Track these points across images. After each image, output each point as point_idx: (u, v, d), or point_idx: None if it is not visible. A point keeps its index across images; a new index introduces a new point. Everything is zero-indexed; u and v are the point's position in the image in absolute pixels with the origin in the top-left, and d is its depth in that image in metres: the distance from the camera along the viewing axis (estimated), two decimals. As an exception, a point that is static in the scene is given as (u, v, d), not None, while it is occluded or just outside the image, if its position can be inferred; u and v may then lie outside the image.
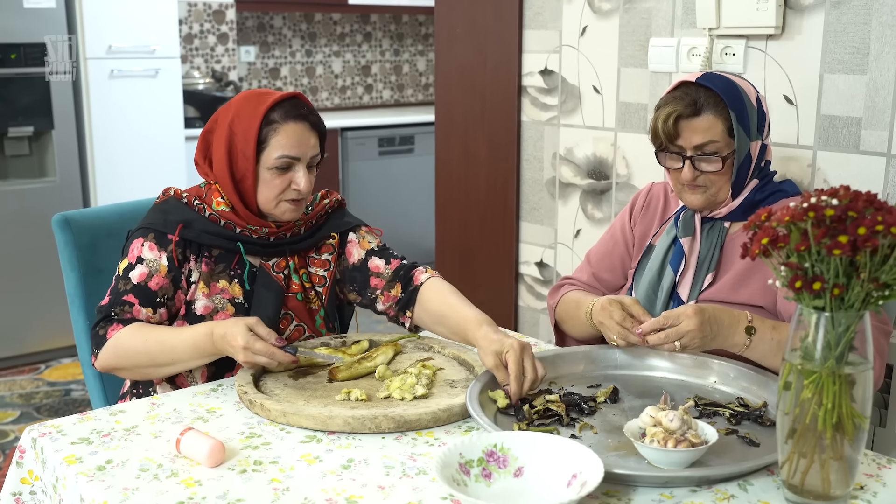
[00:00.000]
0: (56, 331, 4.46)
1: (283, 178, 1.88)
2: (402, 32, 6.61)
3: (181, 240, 1.88)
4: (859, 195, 1.24)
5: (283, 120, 1.86)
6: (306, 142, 1.89)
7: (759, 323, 1.75)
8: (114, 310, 1.85)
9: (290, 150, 1.86)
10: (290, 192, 1.89)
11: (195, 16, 5.57)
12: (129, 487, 1.38)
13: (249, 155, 1.86)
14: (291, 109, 1.88)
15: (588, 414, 1.62)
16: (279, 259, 1.96)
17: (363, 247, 2.04)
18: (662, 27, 2.65)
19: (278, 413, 1.59)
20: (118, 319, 1.84)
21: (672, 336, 1.70)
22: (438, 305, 1.92)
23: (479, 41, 3.24)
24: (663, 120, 1.88)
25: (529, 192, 3.16)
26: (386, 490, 1.36)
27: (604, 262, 2.16)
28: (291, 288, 1.96)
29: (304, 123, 1.89)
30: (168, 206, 1.92)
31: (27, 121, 4.37)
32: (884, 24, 2.19)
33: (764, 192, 1.95)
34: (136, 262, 1.87)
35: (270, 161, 1.86)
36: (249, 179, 1.88)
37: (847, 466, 1.29)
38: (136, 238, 1.89)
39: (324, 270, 2.02)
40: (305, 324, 1.98)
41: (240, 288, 1.91)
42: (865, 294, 1.23)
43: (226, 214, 1.90)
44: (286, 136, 1.86)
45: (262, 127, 1.86)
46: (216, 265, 1.91)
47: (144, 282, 1.85)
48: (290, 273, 1.96)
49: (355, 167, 5.68)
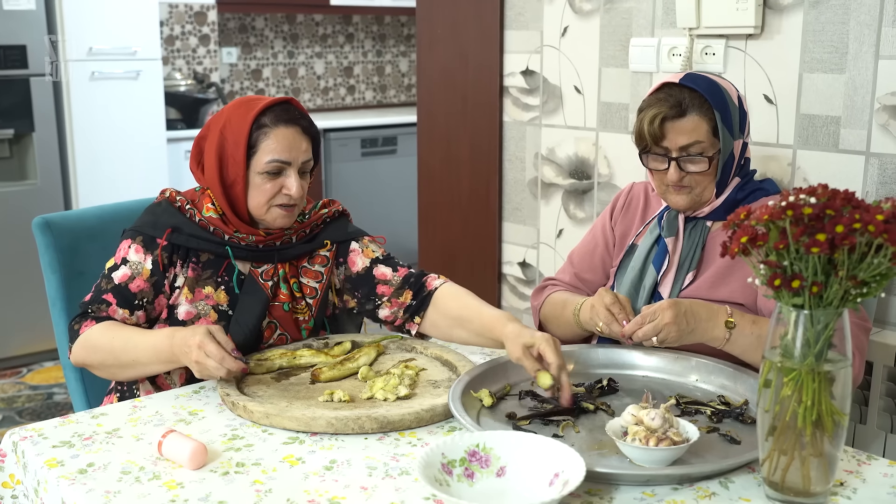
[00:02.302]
0: (37, 334, 4.44)
1: (274, 182, 1.86)
2: (385, 33, 6.61)
3: (169, 244, 1.87)
4: (837, 193, 1.25)
5: (274, 124, 1.85)
6: (297, 146, 1.87)
7: (739, 317, 1.76)
8: (91, 307, 1.85)
9: (280, 154, 1.85)
10: (282, 198, 1.87)
11: (176, 17, 5.55)
12: (111, 490, 1.37)
13: (240, 159, 1.85)
14: (282, 113, 1.87)
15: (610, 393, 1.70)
16: (268, 266, 1.94)
17: (367, 255, 2.01)
18: (643, 27, 2.66)
19: (261, 415, 1.59)
20: (93, 316, 1.84)
21: (650, 331, 1.72)
22: (457, 308, 1.91)
23: (460, 42, 3.24)
24: (649, 122, 1.88)
25: (512, 193, 3.17)
26: (368, 491, 1.36)
27: (585, 263, 2.17)
28: (279, 297, 1.95)
29: (296, 128, 1.87)
30: (160, 209, 1.92)
31: (7, 123, 4.35)
32: (862, 23, 2.21)
33: (745, 190, 1.96)
34: (121, 262, 1.87)
35: (261, 165, 1.85)
36: (240, 185, 1.87)
37: (827, 463, 1.30)
38: (125, 238, 1.90)
39: (316, 282, 1.99)
40: (289, 333, 1.97)
41: (225, 295, 1.90)
42: (844, 292, 1.24)
43: (213, 221, 1.89)
44: (276, 140, 1.85)
45: (253, 131, 1.85)
46: (203, 271, 1.90)
47: (125, 283, 1.85)
48: (279, 281, 1.94)
49: (338, 168, 5.67)
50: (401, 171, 5.88)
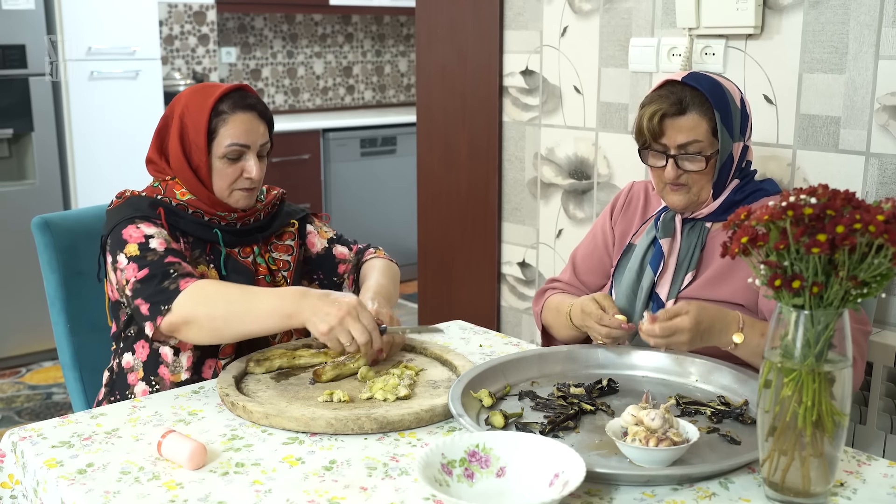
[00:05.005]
0: (37, 334, 4.43)
1: (235, 167, 1.93)
2: (384, 33, 6.61)
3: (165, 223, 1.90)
4: (837, 194, 1.25)
5: (232, 110, 1.92)
6: (255, 129, 1.94)
7: (749, 329, 1.75)
8: (170, 269, 1.80)
9: (239, 138, 1.91)
10: (243, 181, 1.94)
11: (175, 17, 5.55)
12: (111, 491, 1.37)
13: (201, 146, 1.91)
14: (239, 100, 1.93)
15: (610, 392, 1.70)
16: (243, 246, 2.00)
17: (323, 236, 2.15)
18: (642, 27, 2.66)
19: (260, 415, 1.59)
20: (185, 274, 1.80)
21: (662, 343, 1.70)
22: (363, 280, 2.08)
23: (460, 42, 3.24)
24: (648, 118, 1.89)
25: (511, 193, 3.17)
26: (368, 491, 1.36)
27: (585, 264, 2.17)
28: (259, 271, 2.01)
29: (252, 113, 1.94)
30: (132, 202, 1.93)
31: (6, 123, 4.34)
32: (862, 23, 2.21)
33: (744, 191, 1.96)
34: (146, 238, 1.85)
35: (221, 150, 1.91)
36: (203, 170, 1.93)
37: (827, 464, 1.30)
38: (123, 228, 1.86)
39: (287, 255, 2.08)
40: None
41: (216, 273, 1.95)
42: (844, 292, 1.24)
43: (193, 203, 1.93)
44: (235, 126, 1.91)
45: (212, 118, 1.91)
46: (193, 251, 1.94)
47: (168, 246, 1.84)
48: (256, 258, 2.01)
49: (337, 168, 5.67)
50: (400, 171, 5.88)
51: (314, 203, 5.53)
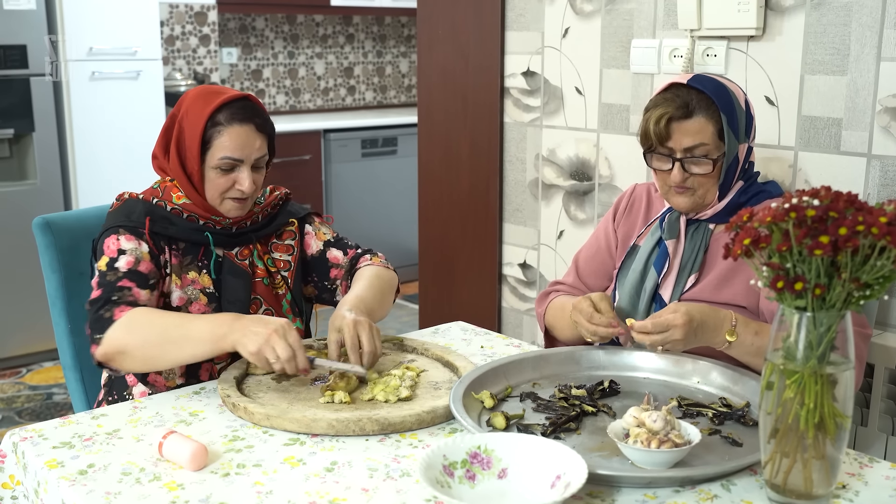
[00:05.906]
0: (37, 334, 4.43)
1: (227, 178, 1.91)
2: (385, 34, 6.61)
3: (151, 234, 1.89)
4: (840, 195, 1.25)
5: (228, 122, 1.89)
6: (251, 144, 1.90)
7: (743, 327, 1.75)
8: (113, 296, 1.80)
9: (232, 152, 1.89)
10: (234, 192, 1.92)
11: (177, 17, 5.55)
12: (112, 492, 1.37)
13: (195, 154, 1.89)
14: (238, 112, 1.89)
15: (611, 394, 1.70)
16: (241, 248, 1.99)
17: (320, 238, 2.11)
18: (644, 28, 2.66)
19: (262, 416, 1.59)
20: (123, 302, 1.80)
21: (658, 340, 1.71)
22: (350, 289, 2.00)
23: (461, 43, 3.24)
24: (655, 121, 1.88)
25: (512, 194, 3.17)
26: (370, 492, 1.36)
27: (589, 266, 2.17)
28: (257, 273, 2.00)
29: (250, 126, 1.90)
30: (127, 206, 1.93)
31: (7, 123, 4.34)
32: (864, 25, 2.20)
33: (748, 193, 1.96)
34: (118, 253, 1.85)
35: (214, 161, 1.89)
36: (196, 177, 1.92)
37: (829, 465, 1.29)
38: (107, 237, 1.88)
39: (288, 255, 2.06)
40: (273, 308, 2.01)
41: (209, 278, 1.94)
42: (847, 294, 1.23)
43: (188, 207, 1.93)
44: (230, 139, 1.88)
45: (208, 128, 1.88)
46: (184, 257, 1.93)
47: (134, 267, 1.84)
48: (255, 259, 2.00)
49: (338, 169, 5.67)
50: (401, 172, 5.88)
51: (315, 204, 5.53)
